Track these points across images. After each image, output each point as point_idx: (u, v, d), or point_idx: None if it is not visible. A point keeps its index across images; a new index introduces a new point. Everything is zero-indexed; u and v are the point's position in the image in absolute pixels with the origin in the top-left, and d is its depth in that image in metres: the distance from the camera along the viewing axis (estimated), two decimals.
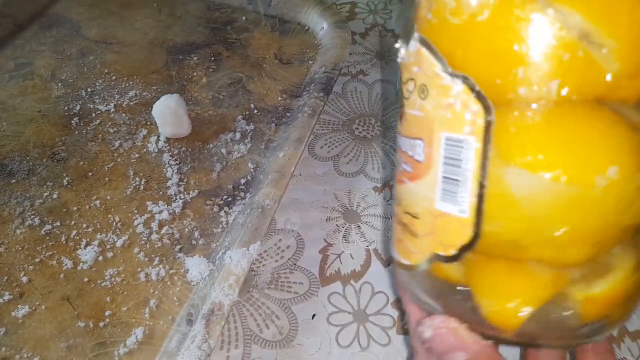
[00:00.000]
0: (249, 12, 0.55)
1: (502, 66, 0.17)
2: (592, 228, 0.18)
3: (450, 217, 0.19)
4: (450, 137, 0.18)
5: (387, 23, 0.57)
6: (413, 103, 0.20)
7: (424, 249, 0.21)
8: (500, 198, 0.18)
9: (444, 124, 0.19)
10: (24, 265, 0.34)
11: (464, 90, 0.18)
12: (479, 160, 0.18)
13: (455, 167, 0.19)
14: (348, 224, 0.40)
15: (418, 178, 0.21)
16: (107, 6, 0.55)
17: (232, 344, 0.33)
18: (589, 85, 0.17)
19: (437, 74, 0.19)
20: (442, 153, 0.19)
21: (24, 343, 0.31)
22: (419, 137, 0.20)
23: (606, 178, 0.17)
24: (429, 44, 0.19)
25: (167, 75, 0.48)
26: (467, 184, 0.18)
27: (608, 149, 0.17)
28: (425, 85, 0.19)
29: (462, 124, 0.18)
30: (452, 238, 0.19)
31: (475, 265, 0.20)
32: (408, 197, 0.22)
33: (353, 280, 0.36)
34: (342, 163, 0.44)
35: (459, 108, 0.18)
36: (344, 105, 0.48)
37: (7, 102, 0.44)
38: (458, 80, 0.18)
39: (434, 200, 0.20)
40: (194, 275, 0.34)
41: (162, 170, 0.40)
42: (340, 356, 0.33)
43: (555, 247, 0.18)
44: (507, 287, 0.19)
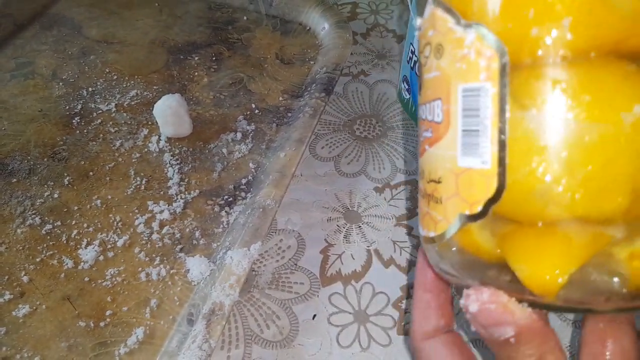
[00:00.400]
0: (250, 12, 0.55)
1: (511, 9, 0.17)
2: (626, 169, 0.17)
3: (473, 171, 0.18)
4: (467, 88, 0.18)
5: (388, 23, 0.57)
6: (430, 67, 0.20)
7: (450, 213, 0.20)
8: (521, 143, 0.17)
9: (460, 76, 0.18)
10: (25, 264, 0.34)
11: (477, 37, 0.18)
12: (496, 106, 0.17)
13: (474, 118, 0.18)
14: (349, 225, 0.40)
15: (438, 140, 0.20)
16: (108, 6, 0.55)
17: (233, 344, 0.33)
18: (604, 26, 0.17)
19: (450, 29, 0.19)
20: (460, 106, 0.19)
21: (25, 342, 0.31)
22: (437, 98, 0.20)
23: (633, 115, 0.16)
24: (442, 2, 0.19)
25: (168, 75, 0.48)
26: (487, 133, 0.18)
27: (632, 90, 0.17)
28: (440, 44, 0.19)
29: (477, 72, 0.18)
30: (476, 193, 0.19)
31: (508, 235, 0.19)
32: (430, 163, 0.21)
33: (354, 281, 0.36)
34: (343, 163, 0.44)
35: (473, 57, 0.18)
36: (345, 106, 0.48)
37: (8, 102, 0.44)
38: (471, 30, 0.18)
39: (455, 157, 0.19)
40: (194, 275, 0.34)
41: (163, 170, 0.40)
42: (340, 356, 0.33)
43: (587, 197, 0.17)
44: (541, 250, 0.18)
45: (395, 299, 0.36)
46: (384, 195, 0.42)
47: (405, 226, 0.40)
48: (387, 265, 0.37)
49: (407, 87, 0.46)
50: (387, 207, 0.41)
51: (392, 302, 0.36)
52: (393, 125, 0.47)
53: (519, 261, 0.19)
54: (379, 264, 0.37)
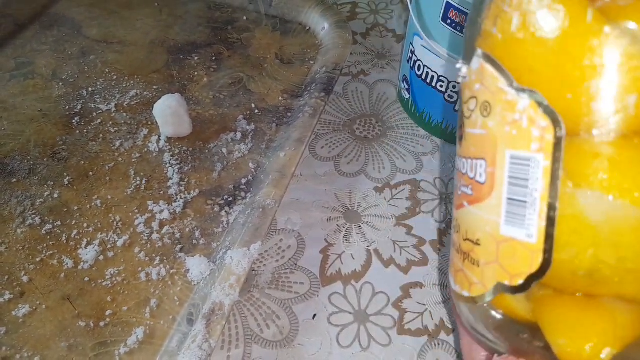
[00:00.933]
0: (250, 12, 0.55)
1: (572, 80, 0.16)
2: None
3: (517, 242, 0.18)
4: (516, 155, 0.17)
5: (388, 23, 0.57)
6: (474, 122, 0.19)
7: (487, 280, 0.19)
8: (572, 222, 0.16)
9: (508, 142, 0.18)
10: (25, 264, 0.34)
11: (531, 104, 0.17)
12: (547, 180, 0.17)
13: (521, 188, 0.17)
14: (349, 224, 0.40)
15: (479, 201, 0.19)
16: (108, 6, 0.55)
17: (233, 344, 0.33)
18: None
19: (501, 89, 0.18)
20: (507, 173, 0.18)
21: (25, 342, 0.31)
22: (481, 157, 0.19)
23: None
24: (494, 59, 0.18)
25: (168, 75, 0.48)
26: (535, 206, 0.17)
27: None
28: (488, 102, 0.18)
29: (529, 141, 0.17)
30: (518, 266, 0.18)
31: (544, 300, 0.18)
32: (468, 222, 0.20)
33: (354, 281, 0.36)
34: (343, 163, 0.44)
35: (525, 124, 0.17)
36: (345, 106, 0.48)
37: (8, 102, 0.44)
38: (525, 95, 0.17)
39: (497, 224, 0.18)
40: (194, 275, 0.34)
41: (163, 169, 0.40)
42: (340, 356, 0.33)
43: (637, 281, 0.16)
44: (584, 325, 0.17)
45: (395, 298, 0.36)
46: (383, 195, 0.42)
47: (405, 226, 0.40)
48: (387, 265, 0.37)
49: (406, 87, 0.46)
50: (387, 207, 0.41)
51: (392, 302, 0.36)
52: (393, 125, 0.47)
53: (555, 332, 0.18)
54: (379, 263, 0.37)
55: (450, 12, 0.36)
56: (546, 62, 0.17)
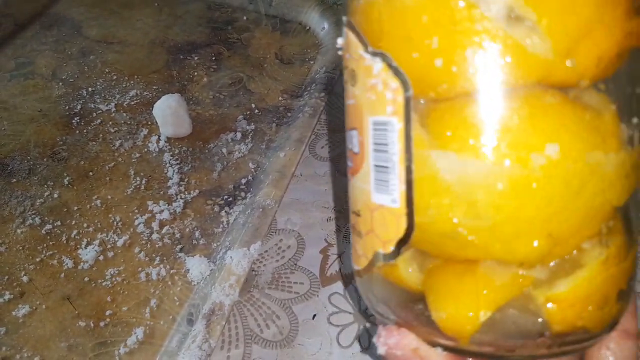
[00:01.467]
0: (249, 12, 0.55)
1: (415, 39, 0.16)
2: (539, 214, 0.15)
3: (384, 209, 0.18)
4: (377, 121, 0.17)
5: None
6: (347, 93, 0.19)
7: (368, 250, 0.19)
8: (428, 183, 0.16)
9: (370, 108, 0.17)
10: (25, 264, 0.34)
11: (383, 67, 0.16)
12: (402, 143, 0.16)
13: (384, 153, 0.17)
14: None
15: (357, 171, 0.19)
16: (108, 6, 0.55)
17: (233, 344, 0.33)
18: (519, 70, 0.15)
19: (361, 55, 0.17)
20: (372, 139, 0.18)
21: (25, 342, 0.31)
22: (354, 127, 0.19)
23: (545, 156, 0.15)
24: (353, 25, 0.18)
25: (167, 75, 0.48)
26: (395, 170, 0.17)
27: (546, 127, 0.15)
28: (354, 70, 0.18)
29: (384, 104, 0.17)
30: (389, 233, 0.18)
31: (432, 271, 0.18)
32: (352, 194, 0.20)
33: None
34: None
35: (380, 87, 0.17)
36: None
37: (8, 102, 0.44)
38: (377, 59, 0.17)
39: (369, 192, 0.18)
40: (194, 275, 0.34)
41: (163, 170, 0.40)
42: (341, 356, 0.33)
43: (501, 240, 0.16)
44: (458, 290, 0.17)
45: None
46: None
47: None
48: None
49: None
50: None
51: None
52: None
53: (436, 300, 0.17)
54: None
55: None
56: (392, 22, 0.16)
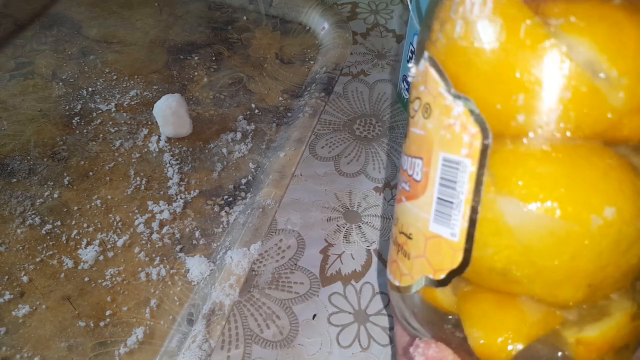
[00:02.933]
0: (250, 12, 0.55)
1: (503, 92, 0.17)
2: (586, 267, 0.17)
3: (442, 239, 0.19)
4: (448, 158, 0.18)
5: (388, 23, 0.57)
6: (417, 122, 0.20)
7: (415, 272, 0.21)
8: (491, 225, 0.18)
9: (443, 144, 0.19)
10: (25, 264, 0.34)
11: (464, 112, 0.18)
12: (473, 184, 0.18)
13: (450, 189, 0.19)
14: (349, 224, 0.40)
15: (415, 197, 0.20)
16: (108, 6, 0.55)
17: (233, 344, 0.33)
18: (592, 119, 0.17)
19: (440, 93, 0.19)
20: (439, 174, 0.19)
21: (25, 343, 0.31)
22: (419, 156, 0.20)
23: (602, 218, 0.17)
24: (437, 63, 0.19)
25: (168, 75, 0.48)
26: (460, 207, 0.18)
27: (607, 190, 0.17)
28: (429, 105, 0.19)
29: (459, 146, 0.18)
30: (442, 262, 0.19)
31: (467, 295, 0.19)
32: (404, 216, 0.22)
33: (354, 281, 0.36)
34: (343, 163, 0.44)
35: (458, 129, 0.18)
36: (345, 106, 0.48)
37: (7, 102, 0.44)
38: (460, 102, 0.18)
39: (427, 221, 0.20)
40: (194, 275, 0.34)
41: (163, 170, 0.40)
42: (340, 356, 0.33)
43: (547, 284, 0.17)
44: (497, 320, 0.19)
45: None
46: (384, 195, 0.42)
47: None
48: (387, 265, 0.37)
49: (406, 87, 0.46)
50: (387, 207, 0.41)
51: None
52: (393, 125, 0.47)
53: (472, 324, 0.19)
54: (379, 263, 0.37)
55: None
56: (481, 71, 0.17)
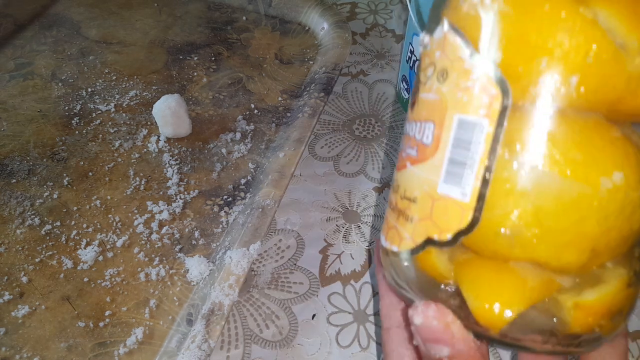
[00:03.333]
0: (249, 12, 0.55)
1: (527, 55, 0.17)
2: (592, 230, 0.18)
3: (451, 200, 0.19)
4: (464, 119, 0.18)
5: (387, 23, 0.57)
6: (429, 87, 0.20)
7: (418, 234, 0.21)
8: (504, 185, 0.18)
9: (459, 106, 0.19)
10: (24, 265, 0.34)
11: (485, 73, 0.18)
12: (489, 145, 0.18)
13: (464, 150, 0.19)
14: (348, 224, 0.40)
15: (423, 161, 0.20)
16: (108, 6, 0.55)
17: (232, 344, 0.33)
18: (609, 85, 0.17)
19: (460, 57, 0.19)
20: (453, 135, 0.19)
21: (24, 343, 0.31)
22: (430, 120, 0.20)
23: (611, 181, 0.17)
24: (457, 29, 0.19)
25: (167, 75, 0.48)
26: (473, 167, 0.18)
27: (615, 156, 0.17)
28: (445, 69, 0.19)
29: (478, 107, 0.18)
30: (450, 222, 0.19)
31: (466, 263, 0.20)
32: (408, 181, 0.22)
33: (353, 281, 0.36)
34: (343, 163, 0.44)
35: (477, 91, 0.18)
36: (345, 106, 0.48)
37: (7, 102, 0.44)
38: (481, 64, 0.18)
39: (436, 183, 0.20)
40: (194, 275, 0.34)
41: (163, 170, 0.40)
42: (340, 356, 0.33)
43: (552, 246, 0.18)
44: (495, 285, 0.19)
45: None
46: (383, 195, 0.42)
47: None
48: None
49: (406, 87, 0.46)
50: (387, 206, 0.41)
51: None
52: (392, 124, 0.47)
53: (472, 291, 0.19)
54: None
55: None
56: (502, 34, 0.18)
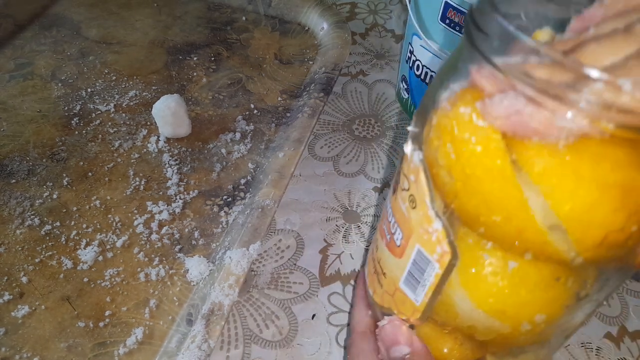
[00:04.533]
0: (249, 13, 0.55)
1: (477, 214, 0.19)
2: (508, 342, 0.22)
3: (407, 297, 0.23)
4: (422, 251, 0.22)
5: (387, 23, 0.57)
6: (404, 198, 0.23)
7: (385, 301, 0.25)
8: (446, 306, 0.22)
9: (420, 239, 0.22)
10: (24, 265, 0.34)
11: (442, 232, 0.20)
12: (437, 280, 0.21)
13: (419, 272, 0.22)
14: (348, 224, 0.40)
15: (392, 253, 0.24)
16: (107, 6, 0.55)
17: (232, 344, 0.33)
18: (546, 255, 0.19)
19: (425, 202, 0.21)
20: (413, 257, 0.22)
21: (24, 343, 0.31)
22: (401, 229, 0.23)
23: (531, 323, 0.20)
24: (427, 172, 0.21)
25: (167, 76, 0.48)
26: (425, 286, 0.22)
27: (541, 303, 0.20)
28: (415, 200, 0.22)
29: (433, 251, 0.21)
30: (405, 310, 0.24)
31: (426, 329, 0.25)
32: (383, 256, 0.25)
33: (353, 281, 0.36)
34: (342, 163, 0.44)
35: (434, 239, 0.21)
36: (344, 106, 0.48)
37: (7, 102, 0.44)
38: (439, 221, 0.20)
39: (399, 278, 0.24)
40: (194, 275, 0.34)
41: (162, 170, 0.40)
42: (340, 356, 0.33)
43: (481, 337, 0.22)
44: (441, 342, 0.24)
45: None
46: (383, 195, 0.42)
47: None
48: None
49: (405, 87, 0.46)
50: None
51: None
52: (392, 124, 0.47)
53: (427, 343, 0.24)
54: None
55: (448, 12, 0.36)
56: (462, 198, 0.19)
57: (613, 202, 0.16)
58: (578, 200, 0.17)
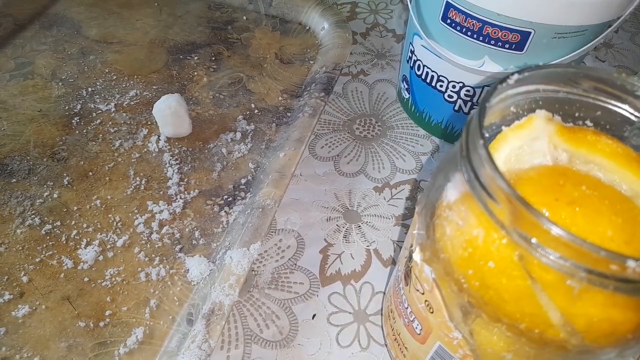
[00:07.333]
0: (249, 12, 0.55)
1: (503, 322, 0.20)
2: None
3: None
4: (444, 348, 0.23)
5: (388, 23, 0.57)
6: (419, 300, 0.23)
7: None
8: None
9: (442, 339, 0.23)
10: (24, 265, 0.34)
11: (462, 340, 0.21)
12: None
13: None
14: (348, 224, 0.39)
15: (413, 337, 0.25)
16: (108, 5, 0.55)
17: (233, 344, 0.33)
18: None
19: (443, 314, 0.22)
20: (435, 348, 0.23)
21: (24, 343, 0.31)
22: (420, 323, 0.24)
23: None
24: (441, 290, 0.22)
25: (167, 75, 0.48)
26: None
27: None
28: (432, 306, 0.23)
29: (455, 351, 0.22)
30: None
31: None
32: (402, 331, 0.27)
33: (353, 281, 0.36)
34: (343, 163, 0.44)
35: (455, 343, 0.22)
36: (345, 105, 0.48)
37: (7, 102, 0.44)
38: (458, 334, 0.21)
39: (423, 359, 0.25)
40: (194, 275, 0.34)
41: (163, 170, 0.40)
42: (340, 356, 0.33)
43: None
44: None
45: None
46: (383, 195, 0.42)
47: (404, 226, 0.40)
48: (386, 265, 0.37)
49: (406, 87, 0.46)
50: (387, 206, 0.41)
51: None
52: (392, 124, 0.47)
53: None
54: (378, 263, 0.37)
55: (450, 12, 0.36)
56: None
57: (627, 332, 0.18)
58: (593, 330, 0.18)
